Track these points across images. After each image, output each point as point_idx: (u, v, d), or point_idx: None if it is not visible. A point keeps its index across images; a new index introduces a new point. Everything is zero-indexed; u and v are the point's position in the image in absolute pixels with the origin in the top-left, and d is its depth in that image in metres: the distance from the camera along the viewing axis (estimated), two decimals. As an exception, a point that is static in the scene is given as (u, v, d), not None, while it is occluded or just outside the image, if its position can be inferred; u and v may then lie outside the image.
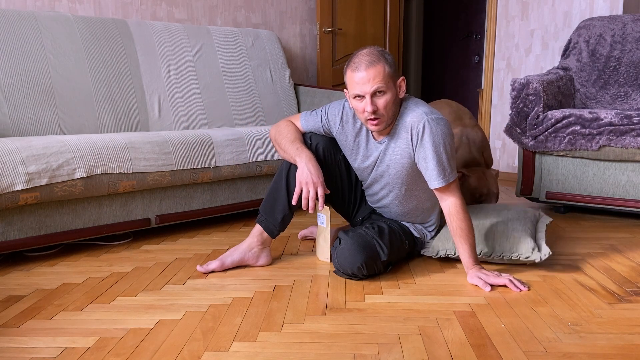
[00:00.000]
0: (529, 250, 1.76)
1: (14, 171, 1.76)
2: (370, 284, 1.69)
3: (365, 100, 1.61)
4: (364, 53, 1.62)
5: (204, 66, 2.97)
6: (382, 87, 1.60)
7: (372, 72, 1.58)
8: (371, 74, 1.58)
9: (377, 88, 1.59)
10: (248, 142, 2.44)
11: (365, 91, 1.60)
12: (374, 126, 1.66)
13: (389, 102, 1.62)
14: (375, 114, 1.62)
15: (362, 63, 1.60)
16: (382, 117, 1.64)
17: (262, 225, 1.85)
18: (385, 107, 1.62)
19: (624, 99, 2.83)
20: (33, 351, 1.24)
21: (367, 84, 1.59)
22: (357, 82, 1.60)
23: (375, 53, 1.61)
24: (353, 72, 1.61)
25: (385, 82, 1.60)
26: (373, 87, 1.59)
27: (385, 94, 1.61)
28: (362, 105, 1.62)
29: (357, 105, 1.65)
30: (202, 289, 1.64)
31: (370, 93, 1.60)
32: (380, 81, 1.59)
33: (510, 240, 1.80)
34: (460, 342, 1.28)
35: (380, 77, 1.59)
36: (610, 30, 2.93)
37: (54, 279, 1.75)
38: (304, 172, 1.72)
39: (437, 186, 1.67)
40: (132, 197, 2.15)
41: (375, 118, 1.63)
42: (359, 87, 1.60)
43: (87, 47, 2.57)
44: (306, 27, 3.88)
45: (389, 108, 1.64)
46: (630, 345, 1.27)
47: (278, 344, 1.28)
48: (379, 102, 1.61)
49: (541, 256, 1.75)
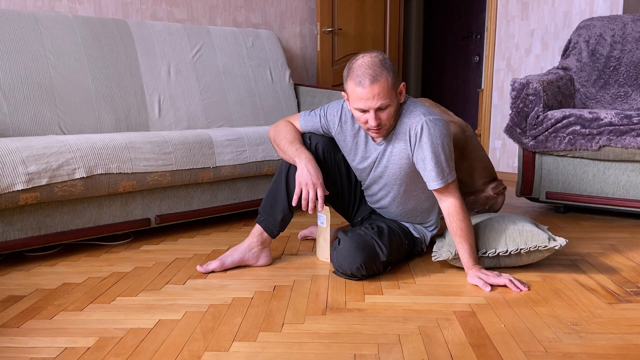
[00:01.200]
0: (545, 240, 1.73)
1: (14, 171, 1.76)
2: (370, 284, 1.69)
3: (369, 115, 1.60)
4: (367, 65, 1.57)
5: (204, 66, 2.97)
6: (387, 102, 1.58)
7: (376, 88, 1.55)
8: (375, 90, 1.55)
9: (382, 104, 1.58)
10: (248, 142, 2.44)
11: (369, 107, 1.58)
12: (376, 135, 1.67)
13: (392, 113, 1.63)
14: (378, 126, 1.62)
15: (366, 78, 1.55)
16: (384, 126, 1.65)
17: (262, 225, 1.85)
18: (389, 118, 1.63)
19: (624, 99, 2.83)
20: (33, 351, 1.24)
21: (371, 100, 1.57)
22: (360, 97, 1.57)
23: (378, 64, 1.57)
24: (356, 86, 1.57)
25: (389, 95, 1.58)
26: (377, 103, 1.57)
27: (389, 107, 1.61)
28: (366, 117, 1.61)
29: (360, 116, 1.63)
30: (202, 289, 1.64)
31: (375, 109, 1.59)
32: (384, 97, 1.57)
33: (524, 234, 1.76)
34: (460, 342, 1.28)
35: (385, 92, 1.57)
36: (610, 30, 2.93)
37: (54, 279, 1.75)
38: (304, 173, 1.72)
39: (436, 187, 1.67)
40: (132, 197, 2.15)
41: (378, 129, 1.64)
42: (363, 102, 1.58)
43: (87, 47, 2.57)
44: (306, 27, 3.88)
45: (392, 118, 1.64)
46: (630, 345, 1.27)
47: (278, 344, 1.28)
48: (383, 115, 1.61)
49: (560, 243, 1.72)
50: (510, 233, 1.77)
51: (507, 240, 1.76)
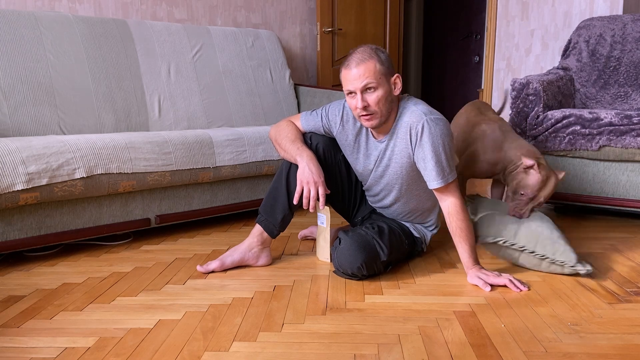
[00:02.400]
0: (573, 260, 1.72)
1: (14, 171, 1.76)
2: (370, 284, 1.69)
3: (356, 97, 1.63)
4: (357, 51, 1.64)
5: (204, 66, 2.97)
6: (372, 83, 1.60)
7: (362, 68, 1.60)
8: (361, 70, 1.60)
9: (367, 84, 1.60)
10: (248, 142, 2.44)
11: (355, 87, 1.61)
12: (367, 122, 1.67)
13: (380, 98, 1.63)
14: (366, 109, 1.63)
15: (353, 60, 1.62)
16: (374, 113, 1.64)
17: (262, 225, 1.85)
18: (377, 103, 1.63)
19: (624, 99, 2.83)
20: (33, 351, 1.24)
21: (357, 80, 1.61)
22: (348, 79, 1.63)
23: (368, 50, 1.63)
24: (345, 69, 1.64)
25: (376, 78, 1.61)
26: (362, 82, 1.60)
27: (376, 90, 1.62)
28: (355, 102, 1.63)
29: (351, 102, 1.66)
30: (202, 289, 1.64)
31: (360, 89, 1.61)
32: (369, 77, 1.60)
33: (555, 246, 1.75)
34: (460, 342, 1.28)
35: (370, 73, 1.60)
36: (610, 30, 2.93)
37: (54, 279, 1.75)
38: (305, 171, 1.72)
39: (436, 186, 1.68)
40: (132, 197, 2.15)
41: (367, 114, 1.64)
42: (350, 83, 1.62)
43: (87, 47, 2.57)
44: (306, 27, 3.88)
45: (382, 104, 1.64)
46: (630, 345, 1.27)
47: (278, 344, 1.28)
48: (370, 98, 1.62)
49: (587, 269, 1.71)
50: (544, 239, 1.77)
51: (537, 244, 1.77)
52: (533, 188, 1.89)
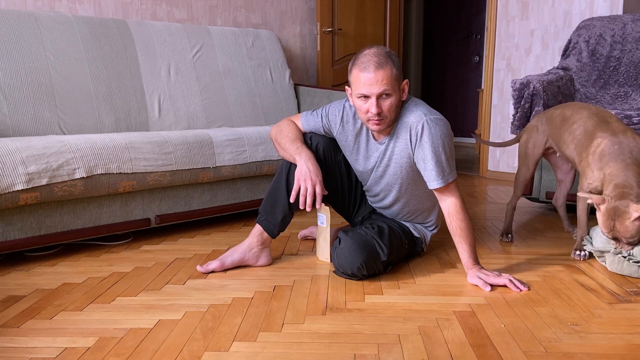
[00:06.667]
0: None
1: (14, 171, 1.76)
2: (370, 284, 1.69)
3: (370, 101, 1.61)
4: (372, 53, 1.61)
5: (204, 66, 2.97)
6: (389, 89, 1.59)
7: (380, 74, 1.58)
8: (379, 76, 1.58)
9: (384, 90, 1.59)
10: (248, 142, 2.44)
11: (372, 92, 1.59)
12: (376, 126, 1.66)
13: (392, 104, 1.62)
14: (379, 115, 1.62)
15: (371, 64, 1.58)
16: (385, 118, 1.64)
17: (262, 225, 1.85)
18: (390, 109, 1.63)
19: (624, 99, 2.83)
20: (33, 351, 1.24)
21: (374, 86, 1.58)
22: (364, 82, 1.59)
23: (383, 54, 1.61)
24: (361, 71, 1.60)
25: (392, 85, 1.60)
26: (380, 89, 1.58)
27: (390, 96, 1.61)
28: (367, 105, 1.62)
29: (361, 105, 1.64)
30: (202, 289, 1.64)
31: (377, 94, 1.59)
32: (387, 84, 1.59)
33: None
34: (460, 342, 1.28)
35: (388, 80, 1.59)
36: (610, 30, 2.93)
37: (54, 279, 1.75)
38: (303, 170, 1.72)
39: (436, 186, 1.67)
40: (132, 197, 2.15)
41: (379, 119, 1.64)
42: (366, 87, 1.59)
43: (87, 47, 2.57)
44: (306, 27, 3.88)
45: (393, 110, 1.64)
46: (630, 345, 1.27)
47: (278, 344, 1.28)
48: (384, 104, 1.61)
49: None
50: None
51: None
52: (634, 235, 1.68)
